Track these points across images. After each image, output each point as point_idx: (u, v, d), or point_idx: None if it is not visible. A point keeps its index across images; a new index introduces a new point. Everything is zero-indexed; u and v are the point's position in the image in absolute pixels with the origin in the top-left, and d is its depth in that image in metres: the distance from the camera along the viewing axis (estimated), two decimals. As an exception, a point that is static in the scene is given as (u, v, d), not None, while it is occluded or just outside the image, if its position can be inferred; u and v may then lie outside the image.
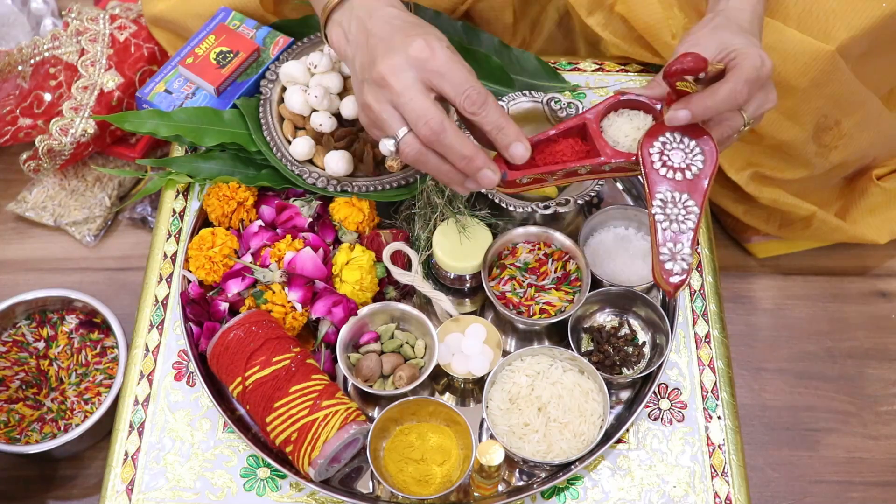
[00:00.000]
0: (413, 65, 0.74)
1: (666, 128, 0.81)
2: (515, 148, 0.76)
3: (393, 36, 0.76)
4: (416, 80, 0.74)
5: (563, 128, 0.83)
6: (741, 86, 0.77)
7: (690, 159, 0.80)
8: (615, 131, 0.83)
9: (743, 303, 1.30)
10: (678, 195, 0.79)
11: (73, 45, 1.27)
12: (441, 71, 0.74)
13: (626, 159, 0.81)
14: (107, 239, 1.33)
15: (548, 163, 0.82)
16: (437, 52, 0.74)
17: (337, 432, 0.80)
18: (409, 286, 0.94)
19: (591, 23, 1.11)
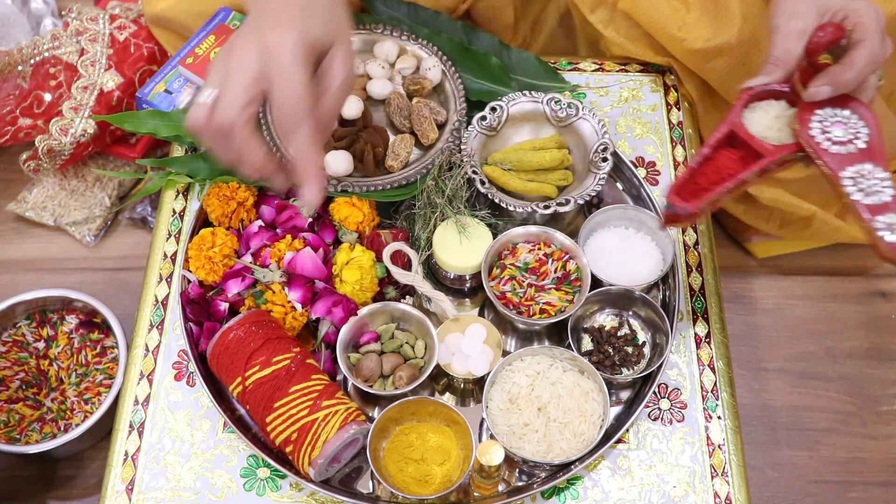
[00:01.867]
0: (260, 54, 0.70)
1: (813, 106, 0.78)
2: (308, 189, 0.72)
3: (276, 7, 0.72)
4: (251, 69, 0.70)
5: (714, 142, 0.79)
6: (877, 47, 0.76)
7: (853, 129, 0.77)
8: (757, 127, 0.80)
9: (743, 303, 1.30)
10: (862, 167, 0.75)
11: (73, 45, 1.27)
12: (279, 71, 0.70)
13: (791, 151, 0.78)
14: (107, 239, 1.33)
15: (717, 182, 0.78)
16: (286, 51, 0.69)
17: (337, 432, 0.80)
18: (409, 286, 0.94)
19: (593, 20, 1.11)
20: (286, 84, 0.70)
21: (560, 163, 0.99)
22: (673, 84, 1.11)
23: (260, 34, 0.71)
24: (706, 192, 0.78)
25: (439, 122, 1.02)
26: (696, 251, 1.00)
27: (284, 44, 0.69)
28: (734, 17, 1.01)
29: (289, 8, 0.72)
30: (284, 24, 0.70)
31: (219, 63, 0.72)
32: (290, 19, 0.71)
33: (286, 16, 0.71)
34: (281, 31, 0.70)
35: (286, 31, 0.70)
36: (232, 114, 0.69)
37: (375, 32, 1.07)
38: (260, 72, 0.70)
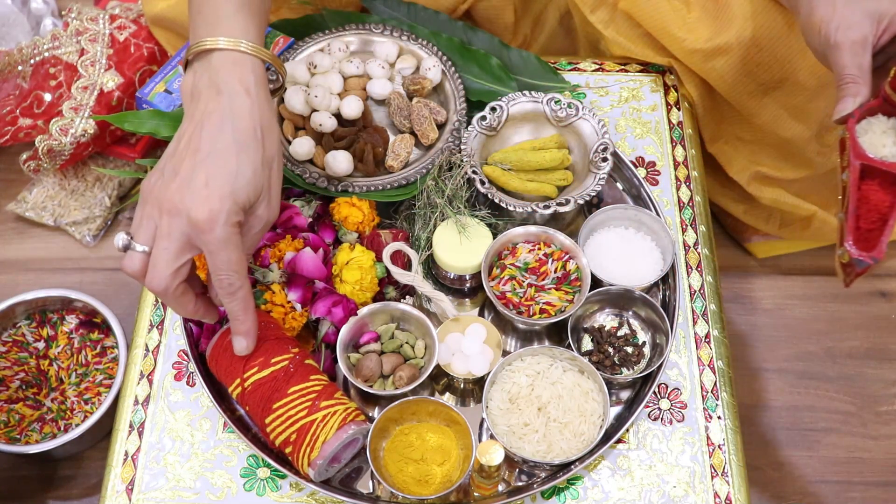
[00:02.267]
0: (190, 227, 0.71)
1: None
2: (238, 341, 0.80)
3: (205, 161, 0.72)
4: (182, 237, 0.72)
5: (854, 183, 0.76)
6: None
7: None
8: (874, 149, 0.77)
9: (743, 303, 1.30)
10: None
11: (73, 45, 1.27)
12: (210, 248, 0.72)
13: None
14: (107, 239, 1.33)
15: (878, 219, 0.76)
16: (216, 230, 0.71)
17: (335, 433, 0.80)
18: (409, 286, 0.94)
19: (593, 20, 1.11)
20: (222, 259, 0.72)
21: (560, 163, 0.99)
22: (673, 84, 1.11)
23: (192, 203, 0.71)
24: (874, 233, 0.76)
25: (439, 122, 1.02)
26: (696, 251, 1.00)
27: (217, 221, 0.71)
28: (735, 16, 1.01)
29: (219, 171, 0.72)
30: (213, 196, 0.71)
31: (148, 212, 0.73)
32: (219, 188, 0.71)
33: (215, 182, 0.71)
34: (210, 208, 0.70)
35: (216, 207, 0.71)
36: (163, 283, 0.73)
37: (375, 32, 1.07)
38: (189, 241, 0.72)
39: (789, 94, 1.06)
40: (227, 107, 0.74)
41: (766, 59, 1.02)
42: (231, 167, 0.72)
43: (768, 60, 1.02)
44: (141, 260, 0.73)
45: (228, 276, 0.74)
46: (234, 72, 0.76)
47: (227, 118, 0.74)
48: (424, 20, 1.10)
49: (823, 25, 0.78)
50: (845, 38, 0.77)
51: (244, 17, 0.78)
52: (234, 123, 0.74)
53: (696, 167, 1.05)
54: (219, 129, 0.73)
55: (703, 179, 1.05)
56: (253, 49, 0.77)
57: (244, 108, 0.74)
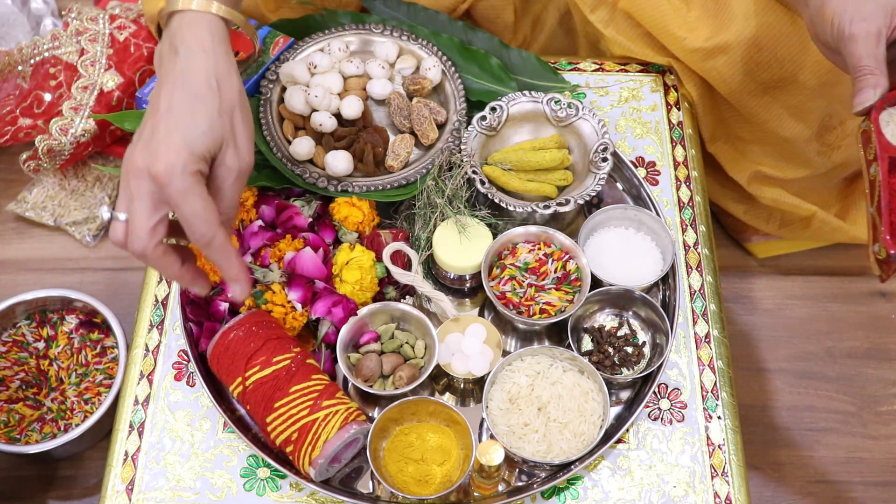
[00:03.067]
0: (154, 182, 0.72)
1: None
2: (231, 289, 0.77)
3: (164, 118, 0.73)
4: (149, 195, 0.72)
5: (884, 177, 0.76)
6: None
7: None
8: None
9: (743, 303, 1.30)
10: None
11: (72, 45, 1.27)
12: (174, 201, 0.72)
13: None
14: (107, 239, 1.33)
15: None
16: (174, 181, 0.71)
17: (337, 432, 0.80)
18: (409, 286, 0.94)
19: (593, 19, 1.11)
20: (187, 209, 0.72)
21: (560, 163, 0.99)
22: (673, 84, 1.11)
23: (150, 159, 0.72)
24: None
25: (439, 122, 1.02)
26: (696, 251, 1.00)
27: (173, 173, 0.71)
28: (735, 15, 1.01)
29: (174, 125, 0.73)
30: (170, 149, 0.71)
31: (123, 181, 0.74)
32: (174, 141, 0.72)
33: (170, 137, 0.72)
34: (166, 161, 0.71)
35: (171, 159, 0.71)
36: (141, 243, 0.72)
37: (375, 32, 1.07)
38: (158, 197, 0.73)
39: (789, 94, 1.06)
40: (182, 64, 0.75)
41: (767, 59, 1.02)
42: (185, 120, 0.73)
43: (768, 60, 1.02)
44: (122, 228, 0.74)
45: (198, 226, 0.73)
46: (189, 31, 0.76)
47: (181, 75, 0.75)
48: (424, 20, 1.10)
49: (836, 18, 0.78)
50: (860, 30, 0.76)
51: None
52: (187, 78, 0.74)
53: (696, 167, 1.05)
54: (173, 87, 0.74)
55: (703, 179, 1.05)
56: (205, 6, 0.77)
57: (198, 63, 0.75)
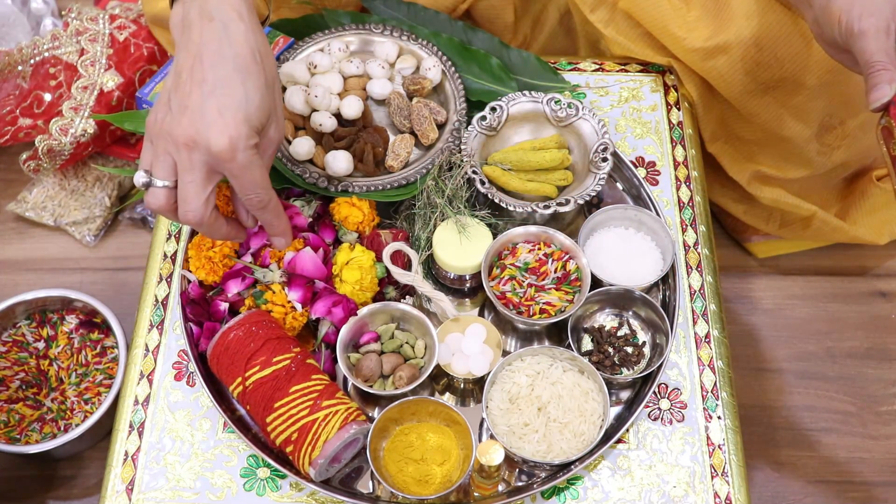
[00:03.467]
0: (210, 155, 0.73)
1: None
2: (277, 241, 0.85)
3: (214, 91, 0.73)
4: (204, 166, 0.74)
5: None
6: None
7: None
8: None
9: (743, 303, 1.30)
10: None
11: (73, 45, 1.27)
12: (235, 173, 0.74)
13: None
14: (107, 239, 1.33)
15: None
16: (237, 156, 0.73)
17: (337, 432, 0.80)
18: (409, 286, 0.94)
19: (593, 20, 1.11)
20: (247, 180, 0.75)
21: (560, 163, 0.99)
22: (673, 84, 1.11)
23: (206, 134, 0.72)
24: None
25: (439, 122, 1.02)
26: (696, 251, 1.00)
27: (236, 150, 0.73)
28: (735, 15, 1.01)
29: (229, 99, 0.73)
30: (230, 124, 0.72)
31: (162, 147, 0.74)
32: (233, 116, 0.73)
33: (229, 111, 0.73)
34: (229, 135, 0.72)
35: (234, 134, 0.72)
36: (198, 214, 0.76)
37: (375, 32, 1.07)
38: (212, 169, 0.74)
39: (790, 94, 1.06)
40: (223, 34, 0.74)
41: (767, 59, 1.02)
42: (239, 94, 0.73)
43: (768, 59, 1.02)
44: (165, 195, 0.76)
45: (257, 194, 0.77)
46: (228, 2, 0.76)
47: (225, 45, 0.74)
48: (424, 20, 1.10)
49: (844, 15, 0.77)
50: (869, 25, 0.76)
51: None
52: (233, 49, 0.74)
53: (696, 167, 1.05)
54: (219, 58, 0.74)
55: (703, 179, 1.05)
56: None
57: (239, 33, 0.75)
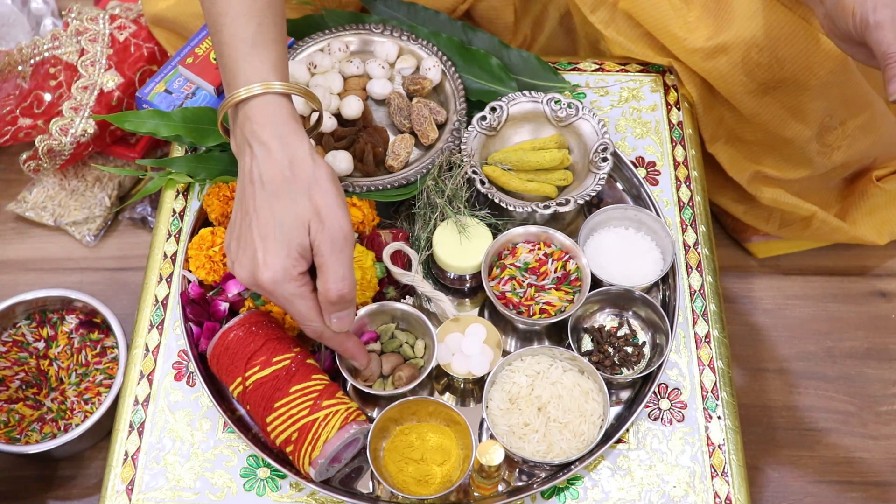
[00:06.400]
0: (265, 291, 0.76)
1: None
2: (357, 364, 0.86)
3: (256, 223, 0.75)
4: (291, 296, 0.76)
5: None
6: None
7: None
8: None
9: (743, 303, 1.30)
10: None
11: (73, 45, 1.27)
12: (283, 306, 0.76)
13: None
14: (107, 239, 1.33)
15: None
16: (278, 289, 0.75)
17: (337, 432, 0.80)
18: (409, 286, 0.94)
19: (593, 20, 1.11)
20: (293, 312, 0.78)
21: (560, 163, 0.99)
22: (673, 84, 1.11)
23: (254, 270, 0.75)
24: None
25: (439, 122, 1.02)
26: (696, 251, 1.00)
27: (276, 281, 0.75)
28: (735, 16, 1.01)
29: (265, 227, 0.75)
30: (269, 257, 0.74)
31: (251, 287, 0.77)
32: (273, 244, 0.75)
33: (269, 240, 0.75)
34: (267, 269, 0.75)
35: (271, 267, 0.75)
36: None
37: (375, 32, 1.07)
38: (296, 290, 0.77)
39: (790, 94, 1.06)
40: (258, 161, 0.76)
41: (767, 59, 1.02)
42: (271, 222, 0.75)
43: (769, 60, 1.02)
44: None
45: (307, 326, 0.78)
46: (258, 122, 0.77)
47: (258, 174, 0.76)
48: (424, 20, 1.10)
49: (858, 8, 0.77)
50: (885, 17, 0.75)
51: (258, 56, 0.79)
52: (264, 175, 0.76)
53: (696, 167, 1.05)
54: (254, 187, 0.76)
55: (703, 179, 1.05)
56: (267, 88, 0.77)
57: (270, 156, 0.76)
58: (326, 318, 0.77)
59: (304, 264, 0.75)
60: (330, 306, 0.76)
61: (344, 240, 0.75)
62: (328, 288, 0.74)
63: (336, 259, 0.74)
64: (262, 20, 0.80)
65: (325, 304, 0.76)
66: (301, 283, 0.75)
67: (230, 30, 0.80)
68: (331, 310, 0.77)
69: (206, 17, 0.83)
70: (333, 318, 0.77)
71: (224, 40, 0.80)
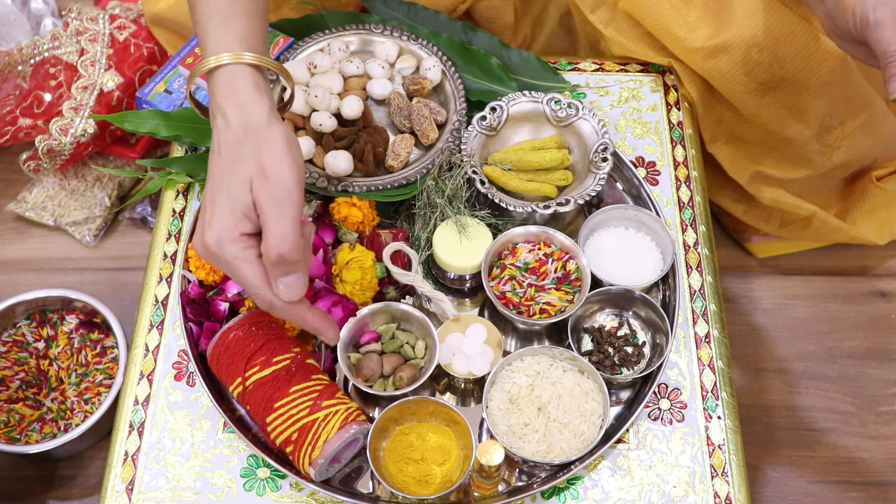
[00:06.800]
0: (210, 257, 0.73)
1: None
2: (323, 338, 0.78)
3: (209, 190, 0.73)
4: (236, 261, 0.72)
5: None
6: None
7: None
8: None
9: (743, 303, 1.30)
10: None
11: (73, 45, 1.27)
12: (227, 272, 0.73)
13: None
14: (107, 239, 1.33)
15: None
16: (220, 252, 0.71)
17: (337, 432, 0.80)
18: (409, 286, 0.94)
19: (593, 20, 1.11)
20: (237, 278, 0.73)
21: (560, 163, 0.99)
22: (673, 84, 1.11)
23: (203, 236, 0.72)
24: None
25: (439, 122, 1.02)
26: (696, 251, 1.00)
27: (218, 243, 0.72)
28: (736, 15, 1.01)
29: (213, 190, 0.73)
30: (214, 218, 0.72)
31: None
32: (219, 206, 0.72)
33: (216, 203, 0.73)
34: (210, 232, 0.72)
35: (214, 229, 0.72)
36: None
37: (375, 32, 1.07)
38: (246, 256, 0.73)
39: (790, 94, 1.06)
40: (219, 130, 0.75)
41: (767, 59, 1.02)
42: (216, 184, 0.73)
43: (769, 60, 1.02)
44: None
45: (253, 294, 0.72)
46: (225, 91, 0.76)
47: (217, 141, 0.75)
48: (424, 20, 1.10)
49: (858, 7, 0.77)
50: (885, 15, 0.75)
51: (226, 29, 0.78)
52: (221, 141, 0.74)
53: (696, 167, 1.05)
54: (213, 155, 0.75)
55: (703, 179, 1.05)
56: (236, 58, 0.76)
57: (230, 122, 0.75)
58: (273, 286, 0.72)
59: (248, 225, 0.71)
60: (273, 269, 0.71)
61: (287, 196, 0.70)
62: (268, 246, 0.69)
63: (278, 216, 0.70)
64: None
65: (269, 266, 0.71)
66: (245, 246, 0.71)
67: (203, 6, 0.79)
68: (275, 273, 0.71)
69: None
70: (280, 284, 0.71)
71: (197, 19, 0.80)
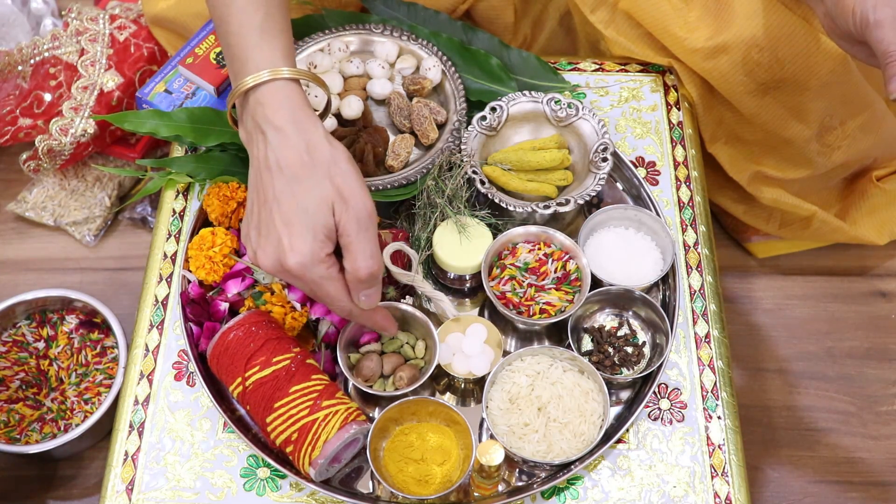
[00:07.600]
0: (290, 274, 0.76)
1: None
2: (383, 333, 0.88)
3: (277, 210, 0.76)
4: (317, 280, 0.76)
5: None
6: None
7: None
8: None
9: (743, 303, 1.30)
10: None
11: (73, 45, 1.27)
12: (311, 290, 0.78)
13: None
14: (107, 239, 1.33)
15: None
16: (306, 273, 0.75)
17: (337, 432, 0.80)
18: (409, 286, 0.94)
19: (593, 20, 1.11)
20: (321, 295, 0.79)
21: (560, 163, 0.99)
22: (673, 84, 1.11)
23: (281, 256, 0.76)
24: None
25: (439, 122, 1.02)
26: (696, 251, 1.00)
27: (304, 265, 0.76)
28: (736, 15, 1.01)
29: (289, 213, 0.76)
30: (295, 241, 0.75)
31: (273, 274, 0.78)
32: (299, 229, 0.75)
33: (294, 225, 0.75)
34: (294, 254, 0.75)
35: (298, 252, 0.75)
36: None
37: (375, 32, 1.07)
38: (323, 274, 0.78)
39: (790, 94, 1.06)
40: (273, 146, 0.76)
41: (767, 59, 1.02)
42: (293, 207, 0.75)
43: (769, 60, 1.02)
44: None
45: (336, 307, 0.79)
46: (270, 108, 0.77)
47: (275, 159, 0.76)
48: (424, 20, 1.10)
49: (858, 6, 0.77)
50: (885, 15, 0.75)
51: (267, 43, 0.79)
52: (281, 160, 0.76)
53: (696, 167, 1.05)
54: (272, 174, 0.76)
55: (703, 179, 1.05)
56: (275, 74, 0.78)
57: (286, 140, 0.76)
58: (355, 297, 0.79)
59: (330, 246, 0.76)
60: (359, 284, 0.77)
61: (368, 218, 0.76)
62: (358, 267, 0.75)
63: (363, 237, 0.76)
64: (269, 9, 0.81)
65: (354, 282, 0.77)
66: (329, 265, 0.76)
67: (237, 18, 0.80)
68: (360, 288, 0.78)
69: (211, 9, 0.83)
70: (362, 295, 0.78)
71: (232, 30, 0.80)
